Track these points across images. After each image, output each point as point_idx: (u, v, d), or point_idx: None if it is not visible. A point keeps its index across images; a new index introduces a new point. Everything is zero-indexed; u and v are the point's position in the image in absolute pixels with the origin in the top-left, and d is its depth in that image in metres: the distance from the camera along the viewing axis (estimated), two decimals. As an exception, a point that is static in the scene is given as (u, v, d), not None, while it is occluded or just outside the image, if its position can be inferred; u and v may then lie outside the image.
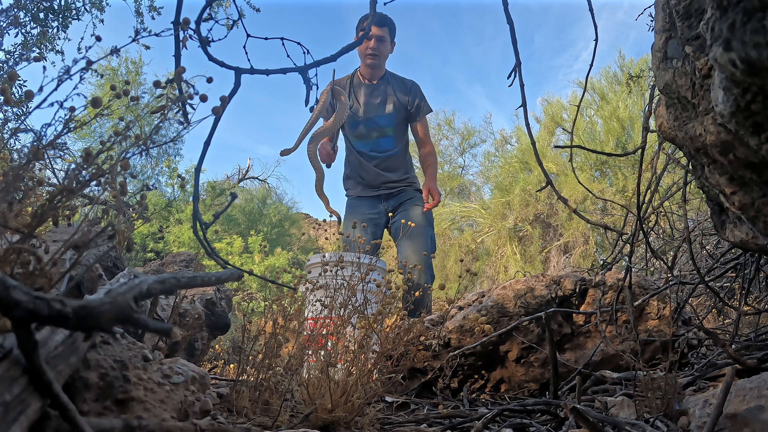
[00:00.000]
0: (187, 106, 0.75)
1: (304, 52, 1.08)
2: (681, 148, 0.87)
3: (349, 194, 3.09)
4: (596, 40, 1.35)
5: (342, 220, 3.00)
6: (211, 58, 1.05)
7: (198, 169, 1.10)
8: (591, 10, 1.27)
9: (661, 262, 2.02)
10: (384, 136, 3.00)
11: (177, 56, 1.06)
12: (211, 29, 1.05)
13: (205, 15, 1.05)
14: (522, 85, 1.22)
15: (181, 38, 1.03)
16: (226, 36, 1.07)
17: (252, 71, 1.04)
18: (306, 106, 1.14)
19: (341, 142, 3.13)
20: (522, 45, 1.24)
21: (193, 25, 1.03)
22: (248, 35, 1.08)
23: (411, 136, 3.16)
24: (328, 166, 2.80)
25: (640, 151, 1.28)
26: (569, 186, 7.39)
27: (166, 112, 0.71)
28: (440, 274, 8.45)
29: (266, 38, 1.08)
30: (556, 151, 8.03)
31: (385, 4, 1.14)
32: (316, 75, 1.11)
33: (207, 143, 1.05)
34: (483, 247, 8.91)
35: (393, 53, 3.10)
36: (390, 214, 2.88)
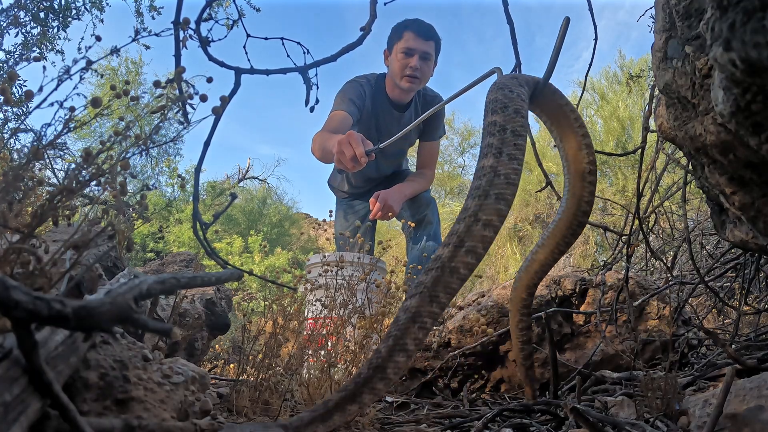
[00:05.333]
0: (187, 106, 0.75)
1: (304, 52, 1.08)
2: (681, 148, 0.87)
3: (339, 194, 2.86)
4: (596, 39, 1.35)
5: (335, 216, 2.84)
6: (211, 58, 1.05)
7: (198, 169, 1.10)
8: (591, 9, 1.27)
9: (661, 263, 2.02)
10: (394, 163, 2.72)
11: (177, 56, 1.06)
12: (211, 29, 1.06)
13: (204, 15, 1.05)
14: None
15: (181, 38, 1.03)
16: (225, 36, 1.07)
17: (252, 71, 1.04)
18: (306, 106, 1.14)
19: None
20: (522, 45, 1.24)
21: (193, 25, 1.03)
22: (248, 35, 1.08)
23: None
24: (347, 169, 1.84)
25: (640, 151, 1.28)
26: (569, 186, 7.38)
27: (166, 112, 0.71)
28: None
29: (266, 38, 1.09)
30: (556, 150, 8.03)
31: (385, 4, 1.14)
32: (316, 75, 1.12)
33: (207, 143, 1.05)
34: (483, 247, 8.90)
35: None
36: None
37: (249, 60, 1.05)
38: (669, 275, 1.60)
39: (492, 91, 0.76)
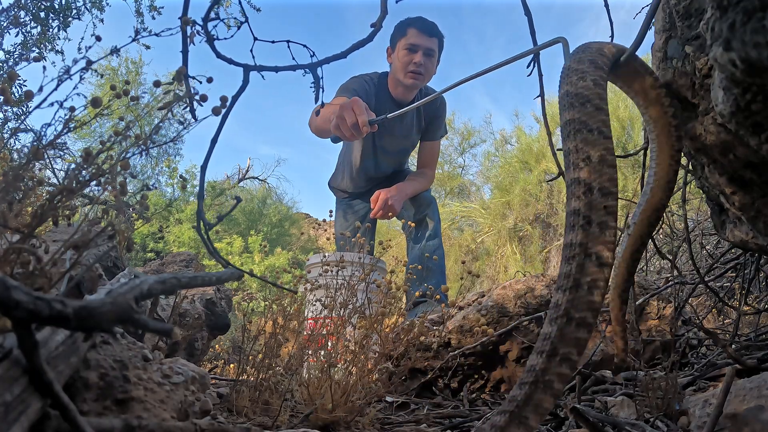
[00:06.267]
0: (194, 103, 0.75)
1: (310, 55, 1.08)
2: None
3: (339, 195, 2.87)
4: (611, 37, 1.33)
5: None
6: (219, 55, 1.05)
7: (204, 167, 1.10)
8: (607, 8, 1.26)
9: (664, 261, 2.02)
10: (395, 162, 2.72)
11: (184, 52, 1.05)
12: (215, 26, 1.05)
13: (211, 15, 1.04)
14: (540, 75, 1.23)
15: (188, 34, 1.03)
16: (232, 36, 1.07)
17: (261, 68, 1.03)
18: (316, 103, 1.14)
19: (339, 148, 2.78)
20: (523, 45, 1.24)
21: (200, 21, 1.02)
22: (255, 39, 1.08)
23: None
24: (345, 138, 1.71)
25: (642, 152, 1.28)
26: (569, 186, 7.38)
27: (172, 107, 0.71)
28: (440, 274, 8.47)
29: (273, 41, 1.08)
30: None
31: (396, 2, 1.13)
32: (322, 74, 1.11)
33: (214, 141, 1.04)
34: (483, 247, 8.92)
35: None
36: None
37: (255, 61, 1.05)
38: (673, 274, 1.60)
39: (568, 136, 0.59)
